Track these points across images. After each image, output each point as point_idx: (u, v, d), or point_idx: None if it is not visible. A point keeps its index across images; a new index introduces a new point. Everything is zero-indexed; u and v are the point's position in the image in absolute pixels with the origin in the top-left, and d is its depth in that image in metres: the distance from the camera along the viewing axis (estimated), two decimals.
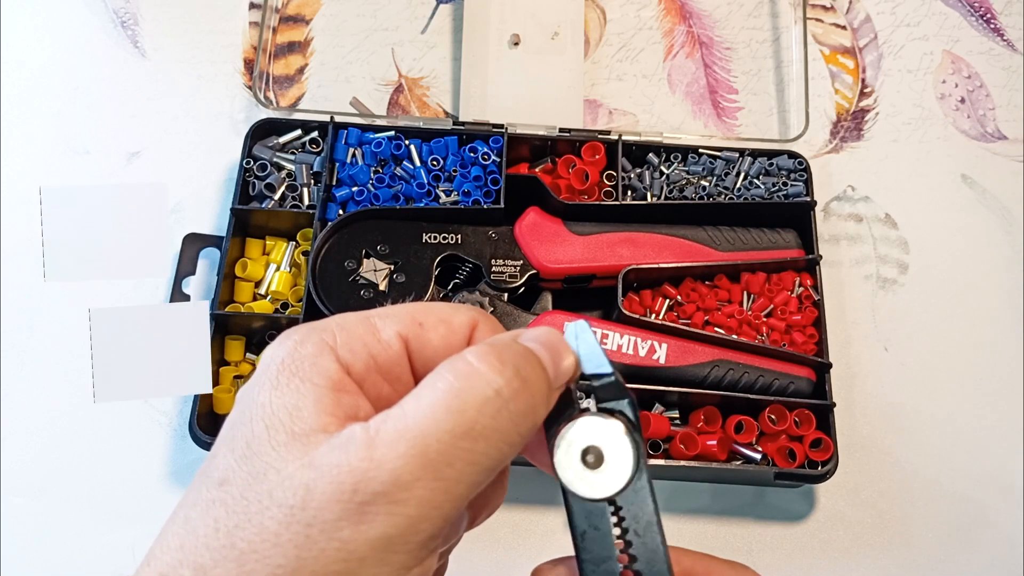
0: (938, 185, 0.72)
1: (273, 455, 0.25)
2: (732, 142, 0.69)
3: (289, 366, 0.27)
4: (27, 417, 0.61)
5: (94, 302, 0.65)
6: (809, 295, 0.63)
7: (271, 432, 0.26)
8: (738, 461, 0.59)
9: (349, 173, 0.64)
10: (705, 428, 0.59)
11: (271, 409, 0.26)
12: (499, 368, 0.26)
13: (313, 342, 0.28)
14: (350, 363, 0.28)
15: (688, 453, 0.57)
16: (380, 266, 0.61)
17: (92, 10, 0.75)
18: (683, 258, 0.63)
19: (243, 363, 0.62)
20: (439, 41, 0.75)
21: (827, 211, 0.71)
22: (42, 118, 0.71)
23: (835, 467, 0.57)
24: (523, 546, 0.58)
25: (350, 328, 0.29)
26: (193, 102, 0.72)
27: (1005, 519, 0.61)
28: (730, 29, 0.77)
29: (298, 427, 0.26)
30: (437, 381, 0.26)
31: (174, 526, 0.27)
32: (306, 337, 0.28)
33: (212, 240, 0.65)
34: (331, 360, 0.28)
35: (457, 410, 0.25)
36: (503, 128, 0.66)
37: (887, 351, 0.66)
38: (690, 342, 0.60)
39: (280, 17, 0.76)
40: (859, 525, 0.61)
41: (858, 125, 0.74)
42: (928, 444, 0.63)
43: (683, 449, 0.57)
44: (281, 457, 0.25)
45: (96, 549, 0.58)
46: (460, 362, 0.27)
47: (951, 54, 0.77)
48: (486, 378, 0.26)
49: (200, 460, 0.60)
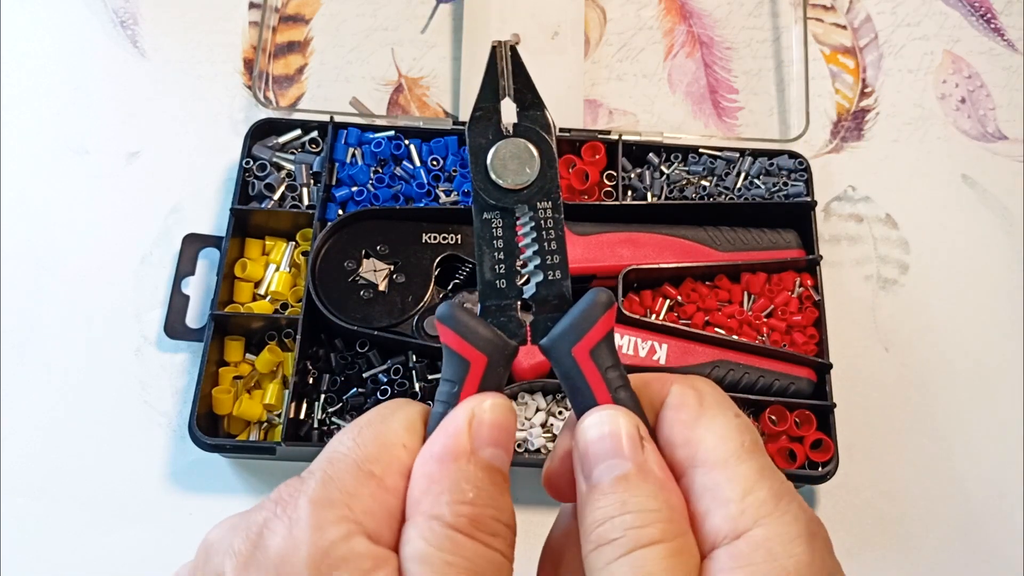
0: (939, 185, 0.72)
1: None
2: (732, 142, 0.69)
3: (326, 563, 0.25)
4: (27, 417, 0.61)
5: (94, 302, 0.65)
6: (809, 295, 0.63)
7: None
8: None
9: (349, 173, 0.64)
10: None
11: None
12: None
13: (332, 520, 0.26)
14: (377, 533, 0.27)
15: None
16: (380, 266, 0.61)
17: (92, 10, 0.75)
18: (683, 258, 0.63)
19: (242, 363, 0.62)
20: (439, 41, 0.75)
21: (827, 211, 0.71)
22: (42, 118, 0.71)
23: (835, 468, 0.57)
24: (522, 546, 0.58)
25: (353, 490, 0.27)
26: (193, 102, 0.72)
27: (1005, 519, 0.61)
28: (730, 29, 0.77)
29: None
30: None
31: None
32: (321, 517, 0.26)
33: (212, 240, 0.65)
34: (364, 542, 0.26)
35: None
36: None
37: (887, 351, 0.66)
38: (690, 342, 0.60)
39: (280, 17, 0.76)
40: (859, 526, 0.61)
41: (858, 125, 0.74)
42: (928, 445, 0.63)
43: None
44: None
45: (96, 549, 0.58)
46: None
47: (951, 54, 0.77)
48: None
49: (200, 460, 0.60)
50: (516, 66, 0.34)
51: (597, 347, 0.30)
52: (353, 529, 0.26)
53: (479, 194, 0.33)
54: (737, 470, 0.28)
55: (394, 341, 0.59)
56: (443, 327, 0.30)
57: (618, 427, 0.29)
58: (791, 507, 0.28)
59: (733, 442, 0.29)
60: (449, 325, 0.30)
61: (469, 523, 0.27)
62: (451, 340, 0.30)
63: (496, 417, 0.29)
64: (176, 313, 0.63)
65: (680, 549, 0.27)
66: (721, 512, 0.28)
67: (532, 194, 0.33)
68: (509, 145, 0.33)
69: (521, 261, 0.33)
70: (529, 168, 0.33)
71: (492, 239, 0.33)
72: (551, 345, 0.31)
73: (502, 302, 0.32)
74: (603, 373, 0.30)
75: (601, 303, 0.30)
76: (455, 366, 0.30)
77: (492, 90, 0.34)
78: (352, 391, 0.59)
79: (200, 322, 0.63)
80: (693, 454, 0.29)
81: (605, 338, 0.31)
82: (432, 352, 0.60)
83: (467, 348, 0.30)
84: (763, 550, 0.27)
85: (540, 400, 0.59)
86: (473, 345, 0.30)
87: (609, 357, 0.30)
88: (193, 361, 0.63)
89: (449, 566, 0.26)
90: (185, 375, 0.63)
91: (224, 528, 0.28)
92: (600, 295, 0.31)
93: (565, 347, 0.31)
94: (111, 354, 0.63)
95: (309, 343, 0.60)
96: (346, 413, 0.59)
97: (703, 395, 0.31)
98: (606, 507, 0.28)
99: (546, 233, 0.33)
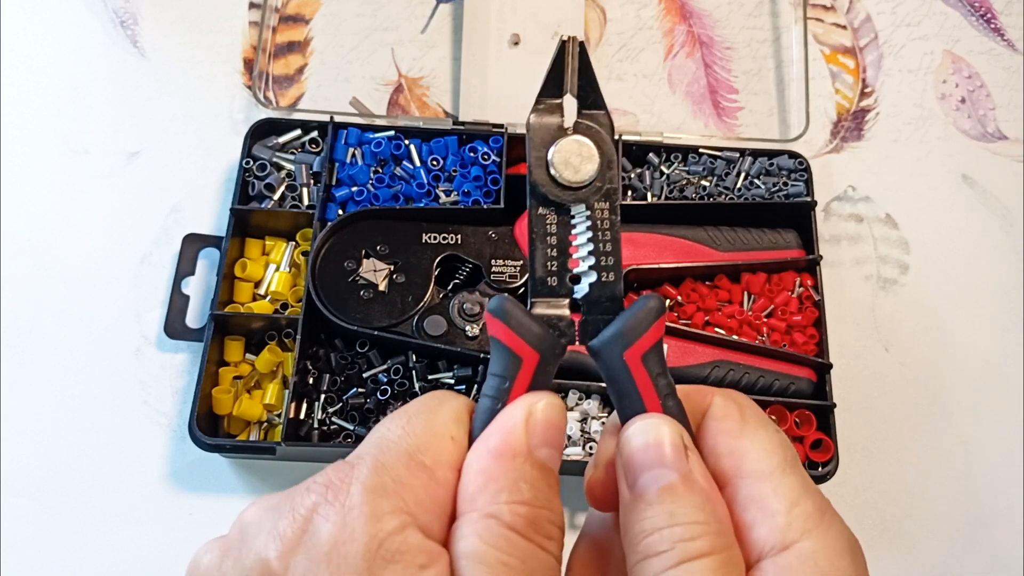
0: (938, 185, 0.72)
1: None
2: (732, 142, 0.69)
3: (381, 555, 0.24)
4: (27, 417, 0.61)
5: (94, 302, 0.65)
6: (809, 295, 0.63)
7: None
8: None
9: (349, 173, 0.64)
10: None
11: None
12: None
13: (387, 511, 0.26)
14: (429, 527, 0.26)
15: None
16: (380, 266, 0.61)
17: (92, 10, 0.75)
18: (683, 258, 0.63)
19: (242, 363, 0.62)
20: (439, 41, 0.75)
21: (827, 211, 0.71)
22: (42, 118, 0.71)
23: (835, 468, 0.57)
24: None
25: (406, 480, 0.27)
26: (193, 102, 0.72)
27: (1005, 519, 0.61)
28: (730, 29, 0.77)
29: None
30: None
31: None
32: (376, 506, 0.25)
33: (212, 240, 0.65)
34: (418, 535, 0.26)
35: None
36: (503, 128, 0.66)
37: (887, 351, 0.66)
38: (690, 342, 0.60)
39: (280, 17, 0.76)
40: (860, 526, 0.61)
41: (858, 125, 0.74)
42: (928, 445, 0.63)
43: None
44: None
45: (96, 549, 0.58)
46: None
47: (951, 54, 0.77)
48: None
49: (200, 460, 0.60)
50: (583, 64, 0.33)
51: (648, 353, 0.30)
52: (407, 521, 0.26)
53: (537, 188, 0.33)
54: (783, 482, 0.28)
55: (394, 341, 0.59)
56: (495, 320, 0.30)
57: (662, 436, 0.29)
58: (835, 522, 0.28)
59: (777, 455, 0.29)
60: (501, 319, 0.30)
61: (526, 524, 0.27)
62: (503, 334, 0.30)
63: (550, 416, 0.29)
64: (176, 313, 0.63)
65: (728, 561, 0.27)
66: (768, 524, 0.28)
67: (590, 193, 0.33)
68: (571, 143, 0.33)
69: (574, 260, 0.32)
70: (590, 166, 0.32)
71: (546, 235, 0.32)
72: (601, 347, 0.31)
73: (552, 299, 0.32)
74: (653, 380, 0.30)
75: (655, 309, 0.30)
76: (506, 361, 0.30)
77: (556, 85, 0.33)
78: (352, 391, 0.59)
79: (200, 322, 0.63)
80: (738, 465, 0.29)
81: (656, 345, 0.30)
82: (432, 352, 0.60)
83: (520, 343, 0.30)
84: (810, 563, 0.27)
85: None
86: (526, 341, 0.30)
87: (658, 364, 0.30)
88: (193, 361, 0.63)
89: (504, 566, 0.26)
90: (185, 375, 0.63)
91: (263, 507, 0.27)
92: (653, 301, 0.30)
93: (616, 351, 0.30)
94: (111, 354, 0.63)
95: (309, 343, 0.60)
96: (346, 413, 0.59)
97: (744, 408, 0.31)
98: (653, 518, 0.28)
99: (602, 234, 0.32)
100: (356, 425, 0.58)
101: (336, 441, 0.58)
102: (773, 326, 0.62)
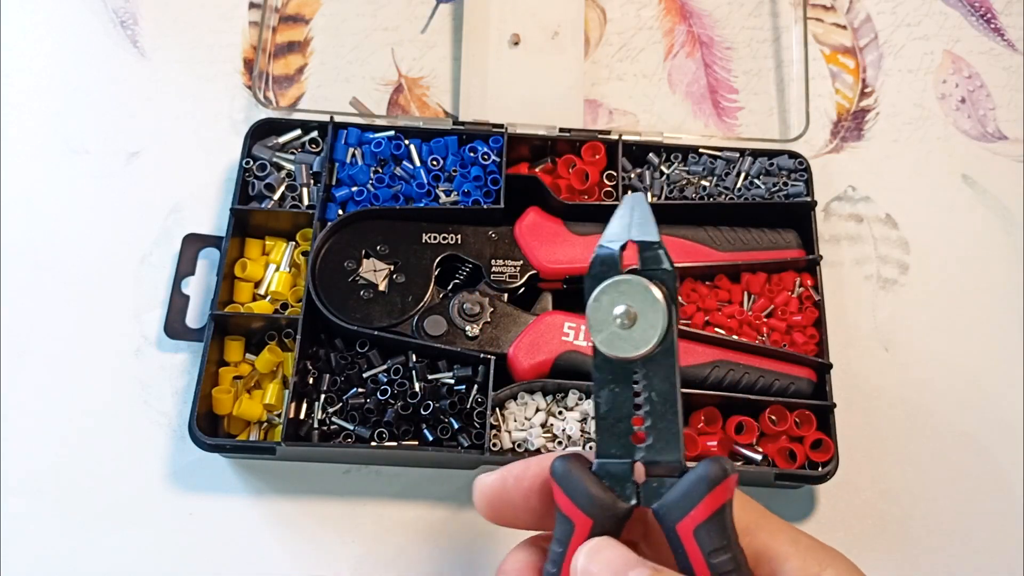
0: (938, 185, 0.72)
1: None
2: (732, 142, 0.69)
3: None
4: (27, 417, 0.61)
5: (94, 302, 0.65)
6: (809, 295, 0.63)
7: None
8: (738, 462, 0.59)
9: (349, 173, 0.64)
10: (705, 429, 0.59)
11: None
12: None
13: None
14: None
15: (688, 454, 0.57)
16: (380, 266, 0.61)
17: (92, 10, 0.75)
18: (683, 258, 0.63)
19: (242, 363, 0.62)
20: (439, 41, 0.75)
21: (827, 211, 0.71)
22: (42, 118, 0.71)
23: (836, 468, 0.57)
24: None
25: None
26: (193, 102, 0.72)
27: (1005, 520, 0.61)
28: (730, 29, 0.77)
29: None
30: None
31: None
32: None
33: (212, 240, 0.65)
34: None
35: None
36: (503, 128, 0.66)
37: (887, 351, 0.66)
38: (690, 342, 0.60)
39: (280, 17, 0.76)
40: (860, 526, 0.61)
41: (858, 125, 0.74)
42: (929, 445, 0.63)
43: None
44: None
45: (96, 549, 0.58)
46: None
47: (951, 54, 0.77)
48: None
49: (200, 460, 0.60)
50: (642, 214, 0.32)
51: (701, 527, 0.28)
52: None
53: (600, 355, 0.31)
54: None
55: (394, 341, 0.59)
56: (555, 486, 0.29)
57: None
58: None
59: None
60: (560, 484, 0.29)
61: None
62: (560, 500, 0.29)
63: (587, 567, 0.29)
64: (176, 313, 0.63)
65: None
66: None
67: (652, 356, 0.31)
68: (631, 310, 0.30)
69: (638, 417, 0.31)
70: (652, 331, 0.30)
71: (611, 395, 0.31)
72: (658, 515, 0.29)
73: (617, 459, 0.31)
74: (706, 557, 0.28)
75: (710, 478, 0.28)
76: (562, 527, 0.29)
77: (619, 230, 0.32)
78: (352, 391, 0.59)
79: (200, 322, 0.63)
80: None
81: (712, 517, 0.28)
82: (432, 352, 0.60)
83: (573, 509, 0.29)
84: None
85: (540, 400, 0.59)
86: (579, 507, 0.29)
87: (717, 538, 0.28)
88: (193, 361, 0.63)
89: None
90: (185, 375, 0.63)
91: None
92: (712, 468, 0.29)
93: (670, 523, 0.29)
94: (111, 354, 0.63)
95: (309, 343, 0.60)
96: (346, 413, 0.59)
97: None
98: None
99: (661, 396, 0.31)
100: (356, 425, 0.58)
101: (336, 441, 0.58)
102: (773, 326, 0.62)
